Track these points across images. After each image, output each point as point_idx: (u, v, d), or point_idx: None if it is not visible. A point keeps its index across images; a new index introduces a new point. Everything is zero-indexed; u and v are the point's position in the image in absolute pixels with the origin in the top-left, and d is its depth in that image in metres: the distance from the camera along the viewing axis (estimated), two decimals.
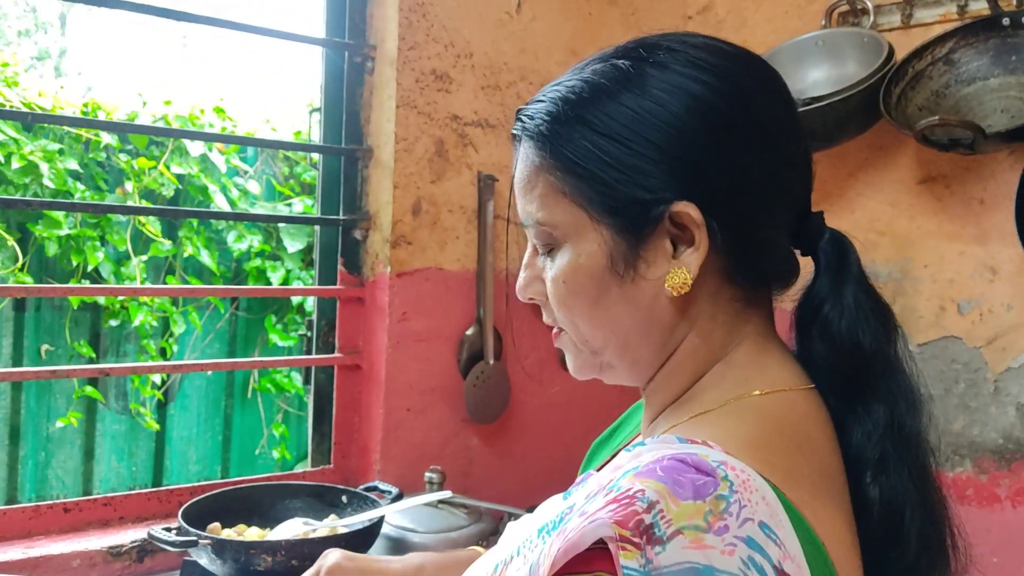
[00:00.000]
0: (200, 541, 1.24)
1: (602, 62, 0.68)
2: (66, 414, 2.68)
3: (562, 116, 0.67)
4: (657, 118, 0.64)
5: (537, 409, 1.90)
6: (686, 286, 0.65)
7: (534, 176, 0.68)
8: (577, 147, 0.66)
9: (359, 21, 1.70)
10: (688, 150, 0.64)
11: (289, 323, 3.06)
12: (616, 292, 0.67)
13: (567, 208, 0.67)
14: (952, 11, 1.63)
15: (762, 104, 0.67)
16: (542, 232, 0.69)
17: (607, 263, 0.66)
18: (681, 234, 0.65)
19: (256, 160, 3.03)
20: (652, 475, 0.56)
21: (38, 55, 6.88)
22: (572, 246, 0.67)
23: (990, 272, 1.60)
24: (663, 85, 0.65)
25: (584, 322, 0.68)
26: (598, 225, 0.66)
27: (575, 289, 0.68)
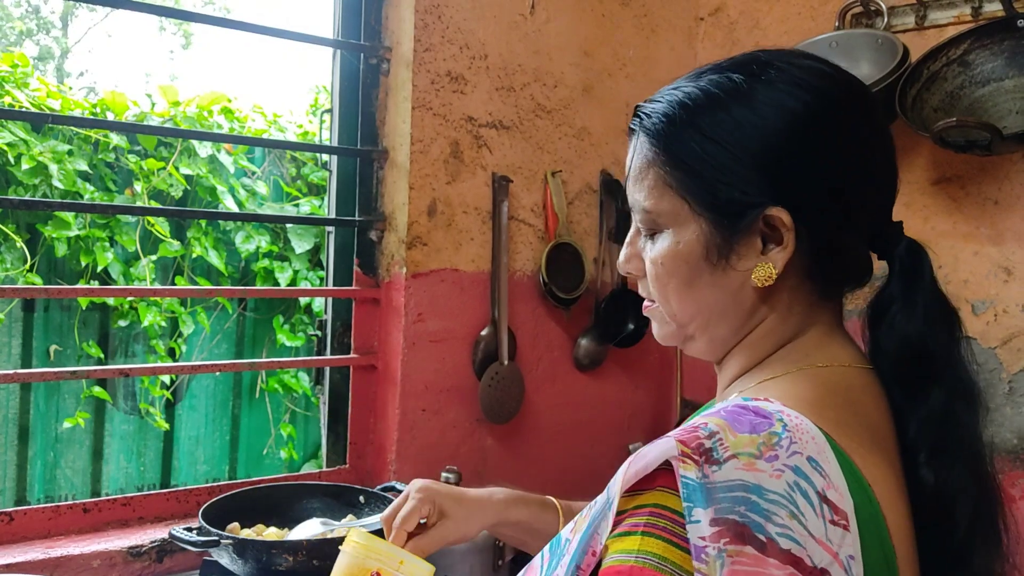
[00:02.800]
0: (222, 541, 1.24)
1: (718, 73, 0.75)
2: (75, 414, 2.69)
3: (677, 119, 0.74)
4: (761, 130, 0.72)
5: (551, 409, 1.91)
6: (771, 279, 0.73)
7: (646, 168, 0.76)
8: (687, 148, 0.73)
9: (374, 23, 1.71)
10: (785, 161, 0.72)
11: (297, 323, 3.07)
12: (707, 277, 0.75)
13: (672, 200, 0.75)
14: (966, 12, 1.64)
15: (853, 123, 0.75)
16: (647, 218, 0.77)
17: (703, 252, 0.74)
18: (771, 233, 0.72)
19: (264, 161, 3.03)
20: (716, 415, 0.66)
21: (40, 55, 6.88)
22: (673, 233, 0.75)
23: (1005, 273, 1.61)
24: (769, 101, 0.72)
25: (675, 299, 0.77)
26: (698, 218, 0.74)
27: (671, 270, 0.76)
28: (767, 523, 0.60)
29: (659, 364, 2.11)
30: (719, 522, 0.60)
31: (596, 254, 1.94)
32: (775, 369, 0.76)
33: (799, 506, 0.61)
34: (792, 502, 0.61)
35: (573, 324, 1.92)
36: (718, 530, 0.59)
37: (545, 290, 1.82)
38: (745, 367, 0.79)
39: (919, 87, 1.60)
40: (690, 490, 0.61)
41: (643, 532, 0.62)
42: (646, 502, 0.63)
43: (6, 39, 5.97)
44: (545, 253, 1.82)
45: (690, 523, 0.60)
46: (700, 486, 0.61)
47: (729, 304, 0.76)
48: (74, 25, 6.57)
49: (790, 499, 0.61)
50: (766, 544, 0.59)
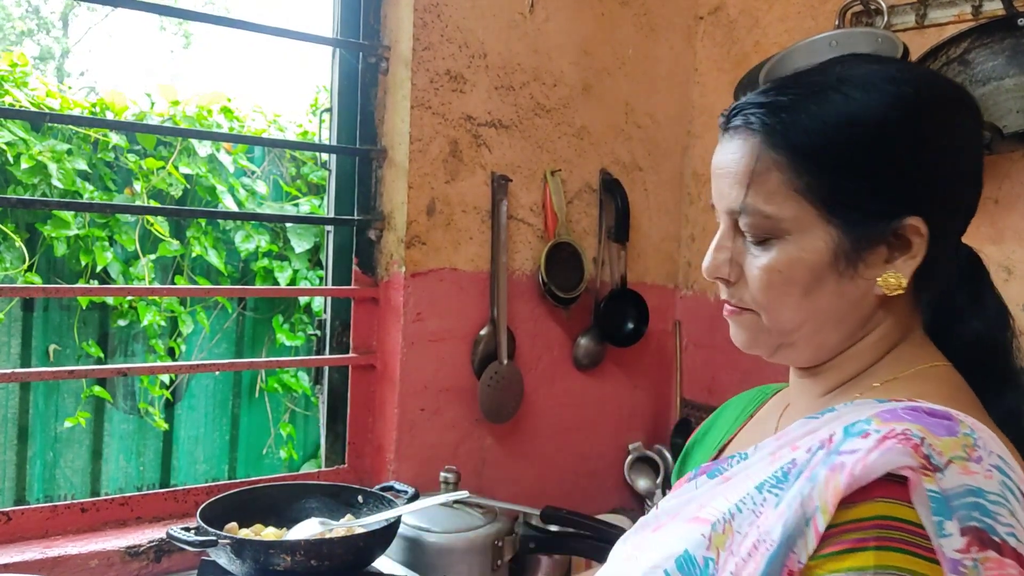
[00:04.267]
0: (220, 541, 1.24)
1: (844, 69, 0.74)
2: (74, 414, 2.68)
3: (808, 122, 0.71)
4: (906, 139, 0.70)
5: (550, 409, 1.90)
6: (900, 289, 0.72)
7: (764, 170, 0.73)
8: (824, 153, 0.71)
9: (373, 22, 1.70)
10: (924, 170, 0.71)
11: (296, 323, 3.07)
12: (831, 286, 0.73)
13: (798, 205, 0.72)
14: (967, 11, 1.63)
15: (975, 136, 0.77)
16: (765, 224, 0.73)
17: (830, 259, 0.72)
18: (897, 242, 0.72)
19: (263, 160, 3.03)
20: (901, 418, 0.65)
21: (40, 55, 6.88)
22: (795, 239, 0.72)
23: (1005, 272, 1.60)
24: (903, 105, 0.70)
25: (788, 309, 0.74)
26: (827, 224, 0.72)
27: (791, 278, 0.73)
28: (996, 524, 0.60)
29: (658, 363, 2.11)
30: (966, 531, 0.60)
31: (595, 253, 1.94)
32: (893, 370, 0.76)
33: (1011, 504, 0.62)
34: (1007, 501, 0.62)
35: (572, 323, 1.92)
36: (967, 540, 0.60)
37: (544, 289, 1.82)
38: (855, 371, 0.78)
39: None
40: (938, 503, 0.60)
41: (876, 547, 0.60)
42: (866, 515, 0.61)
43: (7, 39, 5.97)
44: (544, 252, 1.81)
45: (942, 537, 0.60)
46: (943, 497, 0.61)
47: (847, 312, 0.75)
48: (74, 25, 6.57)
49: (1005, 498, 0.62)
50: (1001, 545, 0.60)
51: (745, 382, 1.95)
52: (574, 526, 1.54)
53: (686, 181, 2.11)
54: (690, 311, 2.10)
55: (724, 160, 0.76)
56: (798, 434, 0.73)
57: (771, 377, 2.00)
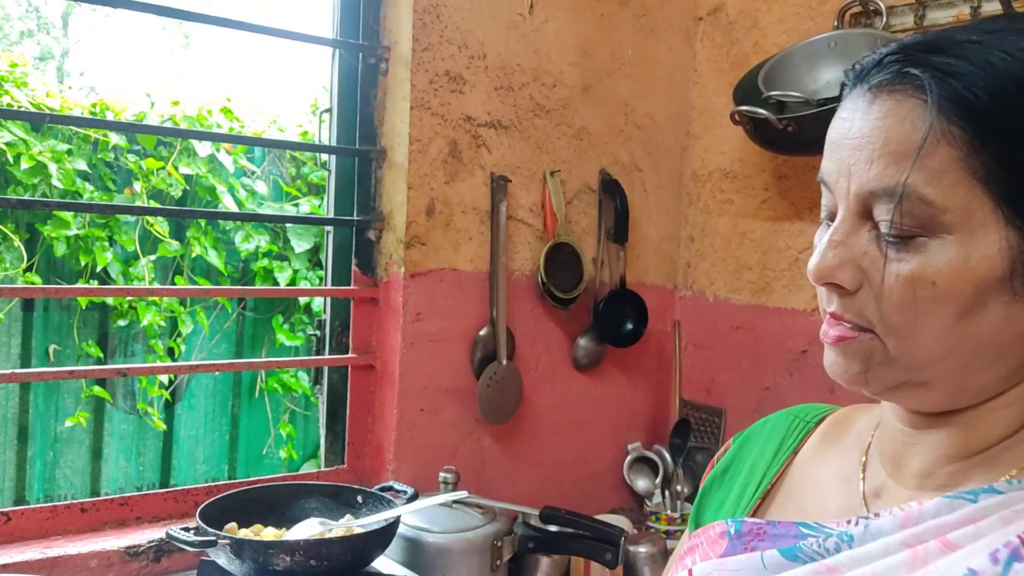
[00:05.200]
0: (219, 541, 1.24)
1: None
2: (74, 414, 2.69)
3: (986, 70, 0.54)
4: None
5: (549, 409, 1.90)
6: None
7: (930, 143, 0.54)
8: (1014, 119, 0.53)
9: (373, 22, 1.70)
10: None
11: (296, 323, 3.07)
12: (996, 308, 0.55)
13: (971, 193, 0.54)
14: (965, 12, 1.64)
15: None
16: (919, 211, 0.55)
17: (1004, 273, 0.54)
18: None
19: (263, 161, 3.03)
20: None
21: (40, 55, 6.87)
22: (959, 241, 0.54)
23: None
24: None
25: (932, 335, 0.56)
26: (1005, 225, 0.54)
27: (947, 294, 0.55)
28: None
29: (657, 364, 2.11)
30: None
31: (595, 254, 1.94)
32: None
33: None
34: None
35: (572, 324, 1.92)
36: None
37: (544, 290, 1.82)
38: (1007, 430, 0.59)
39: None
40: None
41: None
42: None
43: (6, 39, 5.97)
44: (544, 253, 1.81)
45: None
46: None
47: (1009, 346, 0.56)
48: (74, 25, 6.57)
49: None
50: None
51: (744, 383, 1.97)
52: (573, 526, 1.54)
53: (685, 182, 2.11)
54: (689, 312, 2.10)
55: (867, 127, 0.57)
56: (947, 521, 0.56)
57: (774, 379, 1.99)
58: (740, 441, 0.83)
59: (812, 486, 0.72)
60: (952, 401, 0.59)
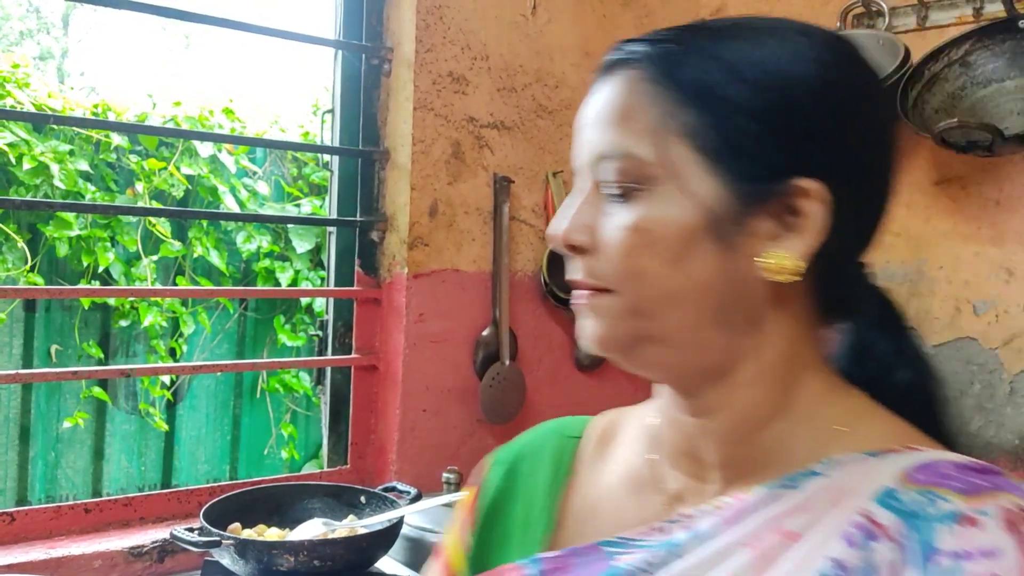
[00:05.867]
0: (223, 541, 1.24)
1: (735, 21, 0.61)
2: (75, 414, 2.69)
3: (697, 47, 0.58)
4: (803, 83, 0.57)
5: (552, 410, 1.90)
6: (787, 271, 0.56)
7: (636, 106, 0.59)
8: (708, 83, 0.57)
9: (376, 23, 1.71)
10: (828, 128, 0.57)
11: (298, 323, 3.07)
12: (704, 257, 0.57)
13: (674, 146, 0.57)
14: (968, 13, 1.64)
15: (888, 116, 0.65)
16: (631, 167, 0.58)
17: (707, 221, 0.57)
18: (785, 216, 0.57)
19: (265, 161, 3.03)
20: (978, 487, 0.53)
21: (40, 55, 6.87)
22: (666, 192, 0.57)
23: (1006, 273, 1.61)
24: (810, 54, 0.58)
25: (652, 280, 0.58)
26: (706, 174, 0.57)
27: (656, 239, 0.57)
28: None
29: None
30: None
31: None
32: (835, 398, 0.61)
33: None
34: None
35: (574, 324, 1.92)
36: None
37: (546, 290, 1.82)
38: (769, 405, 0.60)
39: (920, 88, 1.60)
40: None
41: None
42: None
43: (7, 39, 5.97)
44: (546, 253, 1.82)
45: None
46: None
47: (730, 299, 0.58)
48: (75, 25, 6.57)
49: None
50: None
51: None
52: None
53: None
54: None
55: (596, 104, 0.62)
56: (778, 512, 0.56)
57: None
58: (506, 468, 0.77)
59: (601, 504, 0.69)
60: (695, 362, 0.60)
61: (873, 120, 0.61)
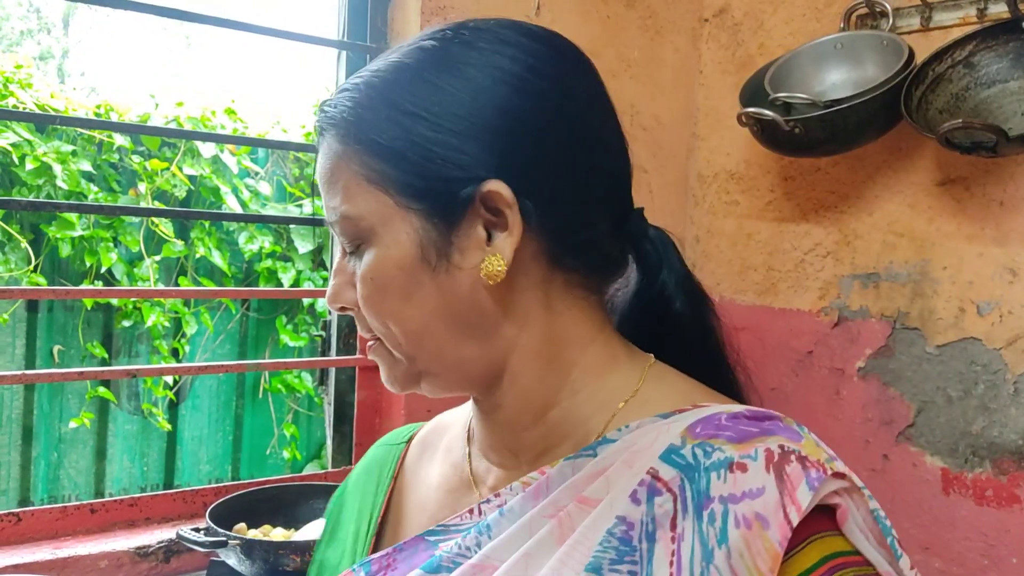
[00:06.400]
0: (230, 542, 1.25)
1: (408, 46, 0.64)
2: (78, 414, 2.69)
3: (365, 100, 0.62)
4: (464, 93, 0.60)
5: None
6: (500, 274, 0.59)
7: (336, 167, 0.62)
8: (382, 129, 0.61)
9: (380, 24, 1.71)
10: (497, 125, 0.60)
11: (300, 324, 3.07)
12: (429, 286, 0.60)
13: (372, 196, 0.61)
14: (971, 14, 1.64)
15: (573, 80, 0.65)
16: (348, 226, 0.62)
17: (417, 253, 0.60)
18: (495, 219, 0.60)
19: (267, 162, 3.04)
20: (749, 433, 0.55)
21: (40, 55, 6.88)
22: (380, 237, 0.61)
23: (1010, 274, 1.61)
24: (471, 61, 0.61)
25: (396, 322, 0.62)
26: (406, 212, 0.60)
27: (383, 284, 0.61)
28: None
29: None
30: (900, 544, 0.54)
31: None
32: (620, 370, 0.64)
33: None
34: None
35: None
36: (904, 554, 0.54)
37: None
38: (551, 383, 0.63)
39: (924, 89, 1.60)
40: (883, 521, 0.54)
41: None
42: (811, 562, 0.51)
43: (7, 39, 5.97)
44: None
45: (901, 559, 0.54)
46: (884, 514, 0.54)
47: (464, 316, 0.61)
48: (75, 25, 6.57)
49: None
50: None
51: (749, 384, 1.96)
52: None
53: (691, 183, 2.12)
54: None
55: (317, 166, 0.66)
56: (577, 480, 0.59)
57: (779, 380, 1.99)
58: (339, 490, 0.83)
59: (423, 504, 0.73)
60: (468, 377, 0.64)
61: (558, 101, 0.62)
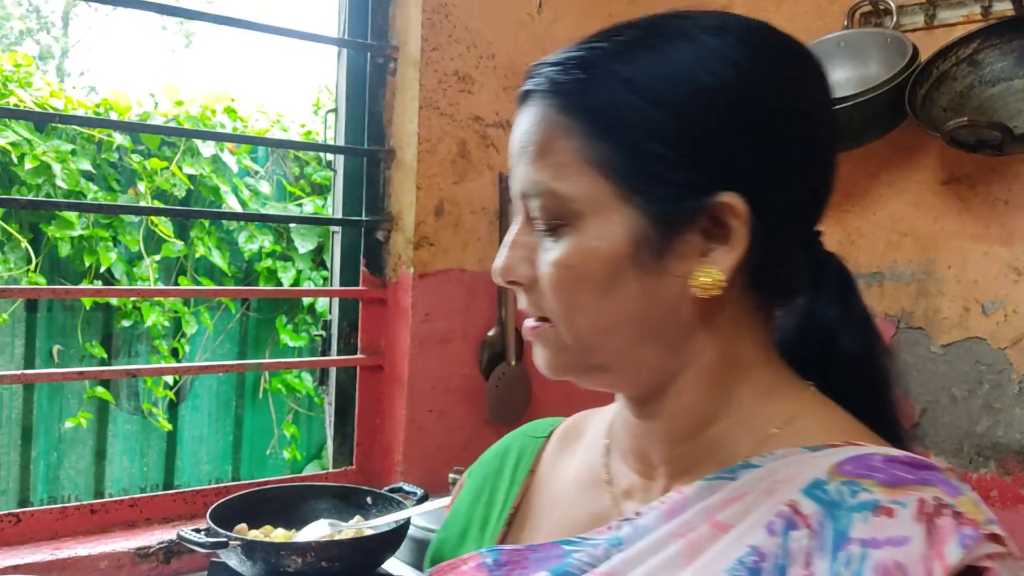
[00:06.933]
0: (231, 542, 1.24)
1: (639, 27, 0.60)
2: (78, 415, 2.68)
3: (600, 74, 0.58)
4: (715, 93, 0.56)
5: (558, 410, 1.89)
6: (714, 288, 0.57)
7: (550, 139, 0.59)
8: (617, 111, 0.57)
9: (381, 22, 1.70)
10: (741, 133, 0.57)
11: (300, 324, 3.06)
12: (634, 284, 0.58)
13: (591, 179, 0.58)
14: (976, 12, 1.63)
15: (819, 100, 0.62)
16: (553, 204, 0.59)
17: (630, 249, 0.57)
18: (714, 229, 0.57)
19: (267, 161, 3.03)
20: (903, 480, 0.52)
21: (40, 55, 6.87)
22: (589, 224, 0.58)
23: (1015, 273, 1.60)
24: (722, 57, 0.57)
25: (586, 314, 0.59)
26: (626, 204, 0.57)
27: (583, 274, 0.58)
28: None
29: None
30: None
31: None
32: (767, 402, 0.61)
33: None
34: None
35: None
36: None
37: None
38: (710, 404, 0.61)
39: (928, 87, 1.59)
40: None
41: None
42: None
43: (6, 38, 5.96)
44: None
45: None
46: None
47: (661, 320, 0.59)
48: (75, 24, 6.56)
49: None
50: None
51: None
52: None
53: None
54: None
55: (517, 135, 0.62)
56: (713, 503, 0.57)
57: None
58: (475, 473, 0.83)
59: (557, 501, 0.72)
60: (639, 379, 0.62)
61: (796, 111, 0.59)
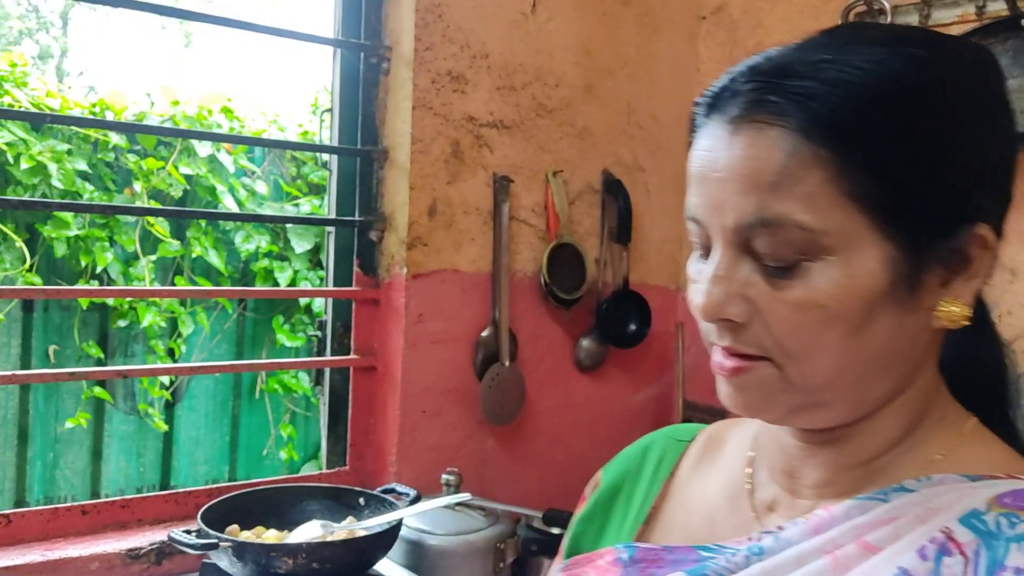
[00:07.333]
0: (221, 544, 1.23)
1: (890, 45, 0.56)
2: (74, 415, 2.68)
3: (847, 92, 0.53)
4: (971, 120, 0.56)
5: (552, 411, 1.90)
6: (959, 320, 0.56)
7: (795, 167, 0.54)
8: (877, 141, 0.53)
9: (375, 22, 1.70)
10: (990, 163, 0.57)
11: (296, 324, 3.06)
12: (887, 320, 0.55)
13: (843, 212, 0.53)
14: (970, 11, 1.63)
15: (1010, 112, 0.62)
16: (798, 238, 0.54)
17: (888, 286, 0.54)
18: (952, 259, 0.56)
19: (263, 161, 3.03)
20: None
21: (39, 54, 6.86)
22: (842, 260, 0.54)
23: (1010, 274, 1.60)
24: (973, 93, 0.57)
25: (828, 356, 0.55)
26: (882, 239, 0.54)
27: (839, 314, 0.54)
28: None
29: (660, 365, 2.10)
30: None
31: (597, 254, 1.93)
32: (936, 430, 0.61)
33: None
34: None
35: (574, 325, 1.91)
36: None
37: (546, 291, 1.81)
38: (898, 435, 0.60)
39: None
40: None
41: None
42: None
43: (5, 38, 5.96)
44: (546, 253, 1.81)
45: None
46: None
47: (899, 355, 0.57)
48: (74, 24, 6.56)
49: None
50: None
51: None
52: None
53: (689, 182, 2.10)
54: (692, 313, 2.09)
55: (733, 159, 0.56)
56: (862, 523, 0.56)
57: None
58: (615, 469, 0.82)
59: (696, 506, 0.72)
60: (849, 416, 0.59)
61: (1016, 137, 0.60)
